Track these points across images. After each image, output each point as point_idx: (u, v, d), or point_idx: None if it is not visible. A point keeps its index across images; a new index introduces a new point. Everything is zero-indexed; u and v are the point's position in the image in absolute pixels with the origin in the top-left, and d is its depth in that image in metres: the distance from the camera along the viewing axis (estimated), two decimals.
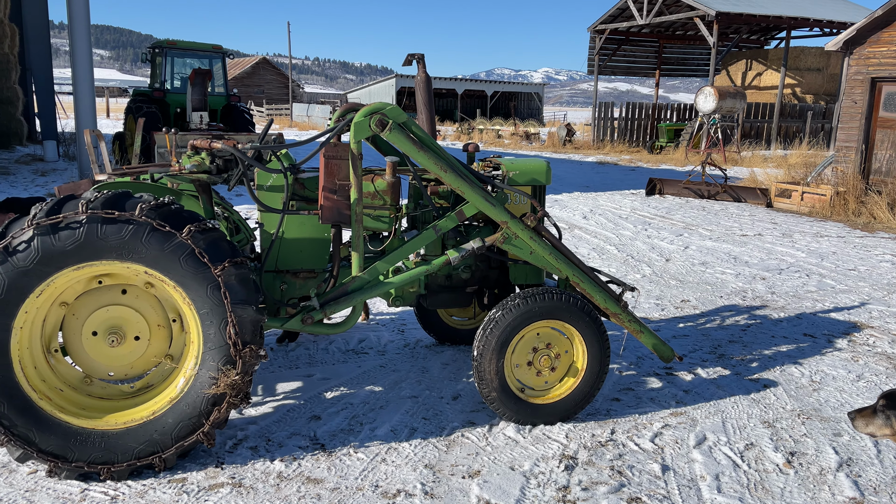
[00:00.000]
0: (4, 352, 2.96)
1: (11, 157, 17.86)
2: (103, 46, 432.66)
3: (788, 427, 3.93)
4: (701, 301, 6.52)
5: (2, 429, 3.00)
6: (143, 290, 3.28)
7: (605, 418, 3.97)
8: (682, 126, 26.21)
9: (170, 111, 16.09)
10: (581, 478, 3.32)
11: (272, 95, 65.59)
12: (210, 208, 3.89)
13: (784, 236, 10.02)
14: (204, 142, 3.68)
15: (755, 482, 3.33)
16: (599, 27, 28.91)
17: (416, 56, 4.31)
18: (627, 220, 11.08)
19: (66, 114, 20.63)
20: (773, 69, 29.10)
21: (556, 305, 3.69)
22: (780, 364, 4.92)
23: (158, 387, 3.37)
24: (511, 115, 48.51)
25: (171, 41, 16.55)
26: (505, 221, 3.77)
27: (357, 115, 3.59)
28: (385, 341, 5.19)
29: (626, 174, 18.81)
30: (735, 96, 14.52)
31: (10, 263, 2.88)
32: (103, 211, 2.94)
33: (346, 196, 3.65)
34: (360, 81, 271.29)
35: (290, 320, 3.72)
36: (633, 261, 8.19)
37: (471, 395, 4.24)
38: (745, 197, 13.52)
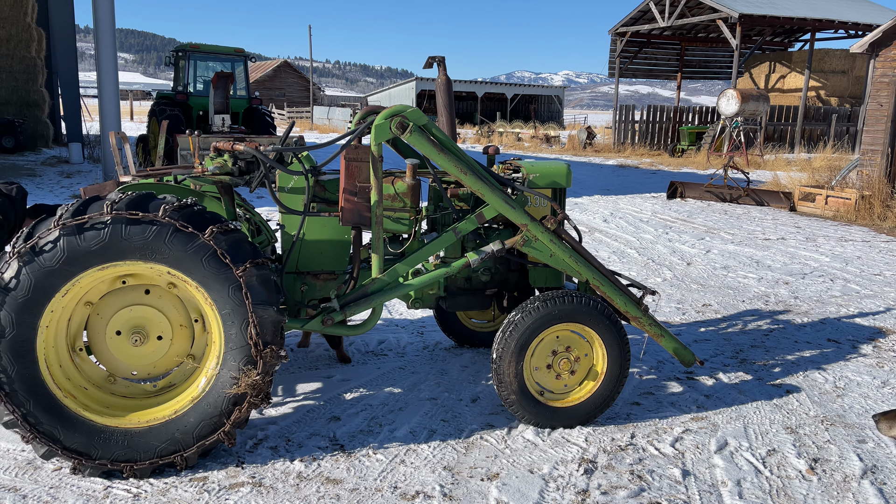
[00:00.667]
0: (31, 350, 3.01)
1: (38, 159, 18.16)
2: (127, 50, 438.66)
3: (812, 433, 3.88)
4: (722, 305, 6.46)
5: (27, 426, 3.05)
6: (166, 291, 3.32)
7: (625, 422, 3.95)
8: (703, 129, 25.99)
9: (192, 114, 16.26)
10: (600, 482, 3.31)
11: (293, 98, 66.05)
12: (232, 210, 3.93)
13: (808, 240, 9.89)
14: (226, 144, 3.71)
15: (777, 488, 3.29)
16: (620, 30, 28.77)
17: (436, 59, 4.32)
18: (648, 224, 11.01)
19: (90, 117, 20.93)
20: (797, 71, 28.75)
21: (576, 308, 3.67)
22: (804, 369, 4.85)
23: (180, 386, 3.41)
24: (531, 117, 48.43)
25: (193, 45, 16.74)
26: (525, 224, 3.76)
27: (378, 117, 3.61)
28: (404, 343, 5.21)
29: (646, 177, 18.69)
30: (758, 99, 14.37)
31: (36, 263, 2.93)
32: (128, 212, 2.98)
33: (366, 198, 3.66)
34: (381, 84, 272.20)
35: (311, 321, 3.74)
36: (653, 264, 8.14)
37: (490, 397, 4.23)
38: (767, 201, 13.37)
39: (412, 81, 53.85)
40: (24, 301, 2.94)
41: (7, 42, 20.55)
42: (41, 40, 21.30)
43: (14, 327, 2.95)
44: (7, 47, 20.58)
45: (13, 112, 20.69)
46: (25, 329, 2.97)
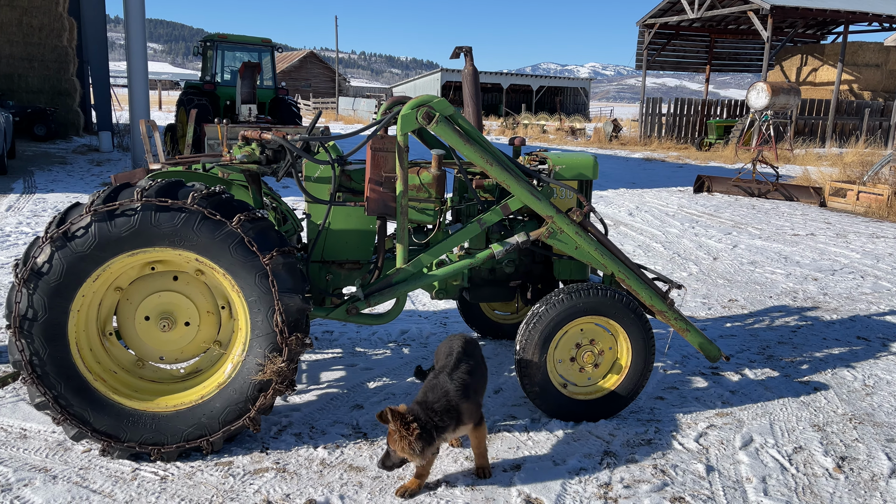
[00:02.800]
0: (62, 334, 3.07)
1: (69, 147, 18.46)
2: (156, 40, 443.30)
3: (839, 431, 3.82)
4: (749, 301, 6.38)
5: (59, 408, 3.11)
6: (194, 277, 3.36)
7: (649, 416, 3.92)
8: (732, 122, 25.63)
9: (220, 103, 16.40)
10: (623, 475, 3.29)
11: (319, 89, 66.33)
12: (259, 198, 3.96)
13: (838, 236, 9.73)
14: (254, 133, 3.74)
15: (803, 486, 3.25)
16: (649, 21, 28.43)
17: (463, 49, 4.30)
18: (674, 218, 10.90)
19: (120, 106, 21.22)
20: (829, 65, 28.21)
21: (601, 301, 3.65)
22: (832, 367, 4.78)
23: (207, 372, 3.45)
24: (557, 110, 48.11)
25: (221, 35, 16.86)
26: (550, 216, 3.74)
27: (404, 107, 3.61)
28: (427, 333, 5.22)
29: (673, 171, 18.49)
30: (789, 92, 14.14)
31: (68, 248, 2.98)
32: (157, 199, 3.02)
33: (391, 188, 3.67)
34: (406, 75, 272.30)
35: (335, 310, 3.77)
36: (679, 259, 8.06)
37: (512, 389, 4.23)
38: (797, 196, 13.17)
39: (437, 73, 53.76)
40: (56, 285, 2.99)
41: (39, 31, 20.89)
42: (72, 30, 21.61)
43: (47, 311, 3.01)
44: (39, 36, 20.92)
45: (45, 101, 21.04)
46: (58, 313, 3.03)
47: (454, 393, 3.02)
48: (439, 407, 2.96)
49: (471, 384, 3.12)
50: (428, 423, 2.90)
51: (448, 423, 2.95)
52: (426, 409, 2.95)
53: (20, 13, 20.48)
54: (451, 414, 2.97)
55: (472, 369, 3.20)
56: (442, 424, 2.93)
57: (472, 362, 3.25)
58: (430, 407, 2.96)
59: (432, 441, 2.91)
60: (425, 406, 2.96)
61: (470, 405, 3.06)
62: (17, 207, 9.78)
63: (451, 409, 2.97)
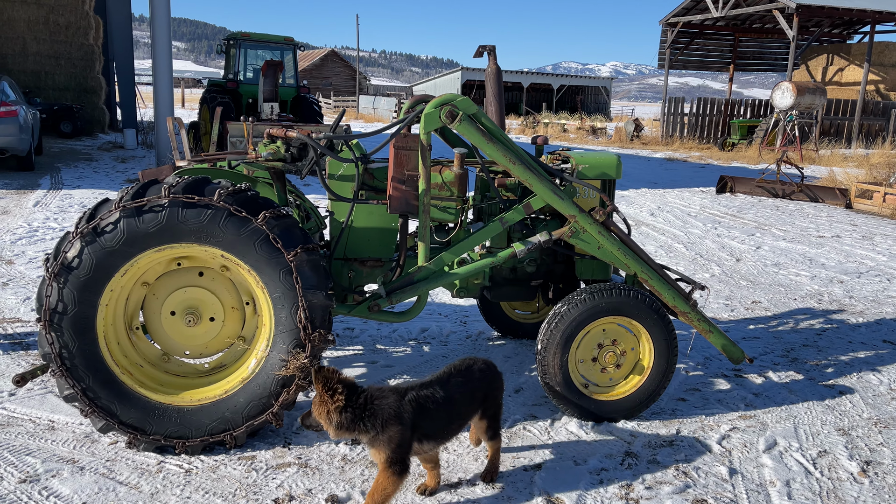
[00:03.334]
0: (91, 327, 3.12)
1: (94, 145, 18.71)
2: (179, 38, 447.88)
3: (864, 435, 3.78)
4: (773, 303, 6.31)
5: (87, 400, 3.16)
6: (219, 273, 3.40)
7: (671, 418, 3.90)
8: (756, 122, 25.35)
9: (242, 101, 16.53)
10: (644, 476, 3.28)
11: (340, 87, 66.60)
12: (284, 195, 3.99)
13: (864, 239, 9.59)
14: (280, 130, 3.77)
15: (828, 490, 3.22)
16: (672, 20, 28.20)
17: (487, 48, 4.31)
18: (696, 218, 10.82)
19: (144, 103, 21.46)
20: (855, 64, 27.79)
21: (623, 302, 3.64)
22: (858, 370, 4.72)
23: (231, 367, 3.49)
24: (577, 109, 47.89)
25: (244, 33, 16.99)
26: (573, 215, 3.73)
27: (427, 106, 3.62)
28: (447, 332, 5.23)
29: (695, 171, 18.33)
30: (814, 92, 13.96)
31: (98, 243, 3.03)
32: (184, 195, 3.06)
33: (414, 186, 3.68)
34: (426, 74, 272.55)
35: (357, 307, 3.79)
36: (701, 259, 8.00)
37: (533, 388, 4.23)
38: (822, 197, 13.00)
39: (458, 71, 53.75)
40: (85, 280, 3.04)
41: (66, 29, 21.20)
42: (98, 28, 21.91)
43: (76, 305, 3.06)
44: (66, 35, 21.23)
45: (71, 98, 21.36)
46: (87, 307, 3.08)
47: (395, 411, 2.72)
48: (380, 408, 2.71)
49: (428, 421, 2.79)
50: (362, 409, 2.68)
51: (368, 430, 2.69)
52: (379, 397, 2.73)
53: (47, 11, 20.80)
54: (377, 425, 2.70)
55: (450, 407, 2.86)
56: (364, 425, 2.68)
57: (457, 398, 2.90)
58: (381, 399, 2.73)
59: (352, 428, 2.68)
60: (383, 394, 2.75)
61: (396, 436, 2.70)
62: (44, 203, 9.94)
63: (381, 421, 2.69)
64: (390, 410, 2.73)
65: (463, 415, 2.97)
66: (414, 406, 2.78)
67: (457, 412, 2.93)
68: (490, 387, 3.07)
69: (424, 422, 2.79)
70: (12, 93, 13.19)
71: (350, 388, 2.71)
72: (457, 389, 2.93)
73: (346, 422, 2.67)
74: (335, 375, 2.69)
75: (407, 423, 2.74)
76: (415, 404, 2.78)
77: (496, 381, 3.13)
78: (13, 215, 8.98)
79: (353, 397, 2.70)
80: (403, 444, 2.73)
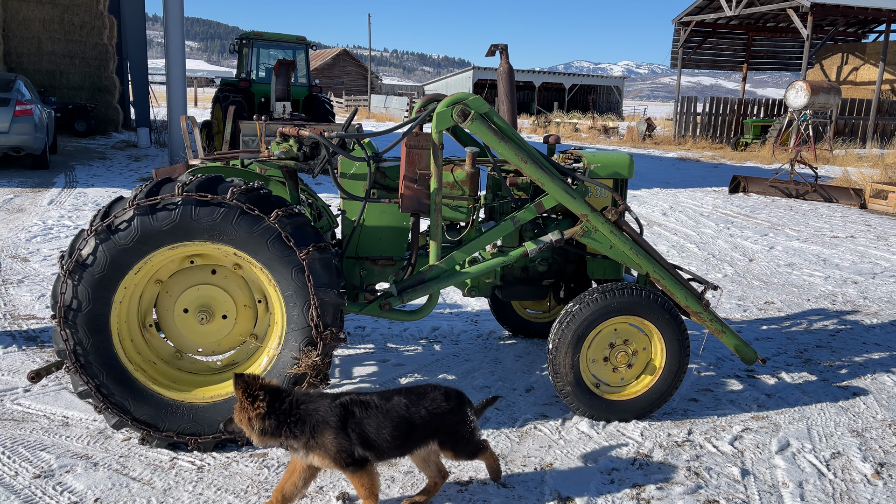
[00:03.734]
0: (105, 324, 3.15)
1: (108, 143, 18.86)
2: (192, 38, 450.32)
3: (878, 437, 3.75)
4: (786, 303, 6.27)
5: (100, 396, 3.19)
6: (232, 271, 3.41)
7: (682, 418, 3.88)
8: (769, 122, 25.17)
9: (254, 101, 16.60)
10: (656, 477, 3.27)
11: (351, 87, 66.73)
12: (296, 194, 4.01)
13: (879, 239, 9.51)
14: (292, 129, 3.79)
15: (841, 492, 3.20)
16: (685, 19, 28.05)
17: (499, 47, 4.30)
18: (709, 218, 10.76)
19: (157, 102, 21.58)
20: (870, 63, 27.54)
21: (635, 301, 3.63)
22: (872, 372, 4.68)
23: (243, 364, 3.51)
24: (589, 108, 47.76)
25: (257, 33, 17.06)
26: (585, 214, 3.72)
27: (439, 105, 3.62)
28: (458, 331, 5.23)
29: (708, 171, 18.23)
30: (829, 91, 13.84)
31: (112, 241, 3.05)
32: (197, 194, 3.08)
33: (426, 185, 3.68)
34: (437, 73, 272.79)
35: (369, 306, 3.80)
36: (714, 260, 7.96)
37: (544, 387, 4.22)
38: (836, 197, 12.89)
39: (469, 70, 53.72)
40: (100, 277, 3.07)
41: (80, 29, 21.36)
42: (112, 28, 22.06)
43: (90, 302, 3.09)
44: (80, 34, 21.40)
45: (85, 97, 21.52)
46: (101, 304, 3.11)
47: (323, 415, 2.65)
48: (307, 413, 2.65)
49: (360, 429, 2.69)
50: (286, 415, 2.63)
51: (297, 436, 2.64)
52: (305, 402, 2.68)
53: (62, 11, 20.97)
54: (306, 431, 2.64)
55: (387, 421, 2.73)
56: (292, 431, 2.63)
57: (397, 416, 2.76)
58: (308, 404, 2.68)
59: (277, 435, 2.63)
60: (310, 399, 2.70)
61: (332, 441, 2.64)
62: (58, 201, 10.02)
63: (309, 427, 2.64)
64: (318, 416, 2.65)
65: (407, 436, 2.76)
66: (342, 411, 2.68)
67: (399, 430, 2.74)
68: (443, 418, 2.84)
69: (356, 429, 2.68)
70: (28, 92, 13.31)
71: (273, 394, 2.64)
72: (400, 408, 2.77)
73: (270, 428, 2.61)
74: (256, 381, 2.63)
75: (338, 427, 2.65)
76: (344, 410, 2.69)
77: (453, 415, 2.86)
78: (28, 213, 9.06)
79: (276, 403, 2.63)
80: (344, 448, 2.66)
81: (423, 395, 2.86)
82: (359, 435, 2.69)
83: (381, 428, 2.72)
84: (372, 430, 2.71)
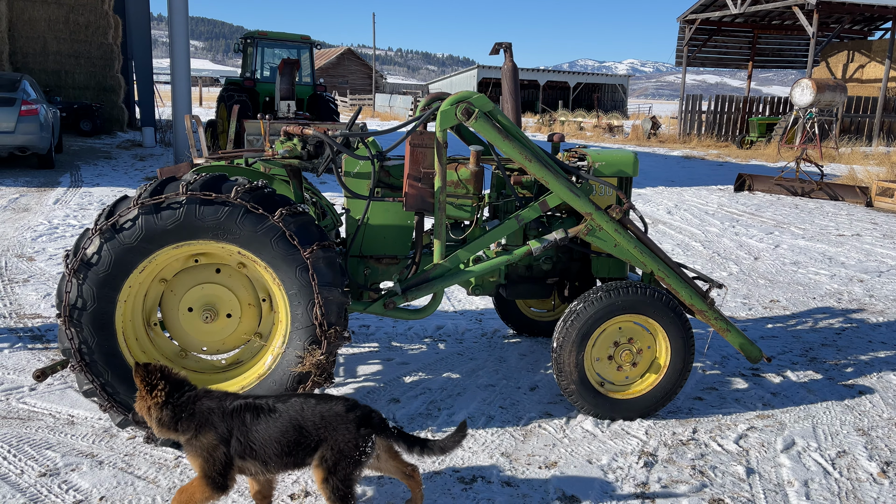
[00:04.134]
0: (110, 323, 3.15)
1: (113, 143, 18.90)
2: (197, 37, 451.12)
3: (884, 436, 3.73)
4: (792, 302, 6.25)
5: (105, 395, 3.19)
6: (236, 270, 3.42)
7: (687, 417, 3.88)
8: (775, 120, 25.10)
9: (259, 100, 16.62)
10: (661, 475, 3.26)
11: (356, 86, 66.75)
12: (300, 193, 4.01)
13: (885, 237, 9.47)
14: (296, 128, 3.79)
15: (847, 491, 3.19)
16: (690, 17, 27.97)
17: (503, 45, 4.30)
18: (714, 217, 10.73)
19: (162, 102, 21.64)
20: (876, 61, 27.41)
21: (640, 300, 3.62)
22: (878, 370, 4.66)
23: (248, 363, 3.51)
24: (594, 106, 47.68)
25: (261, 32, 17.07)
26: (589, 213, 3.72)
27: (443, 103, 3.62)
28: (462, 329, 5.23)
29: (713, 169, 18.19)
30: (834, 89, 13.80)
31: (117, 240, 3.06)
32: (201, 193, 3.08)
33: (430, 184, 3.68)
34: (442, 72, 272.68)
35: (373, 304, 3.80)
36: (719, 258, 7.93)
37: (548, 386, 4.22)
38: (842, 195, 12.85)
39: (474, 69, 53.69)
40: (105, 276, 3.08)
41: (86, 28, 21.41)
42: (118, 27, 22.12)
43: (95, 301, 3.09)
44: (86, 34, 21.45)
45: (91, 97, 21.58)
46: (105, 303, 3.11)
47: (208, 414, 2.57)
48: (199, 410, 2.58)
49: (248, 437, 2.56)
50: (182, 408, 2.56)
51: (184, 431, 2.57)
52: (202, 398, 2.61)
53: (67, 11, 21.02)
54: (192, 428, 2.57)
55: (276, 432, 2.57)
56: (182, 426, 2.57)
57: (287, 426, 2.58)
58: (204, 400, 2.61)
59: (172, 427, 2.56)
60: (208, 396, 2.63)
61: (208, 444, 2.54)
62: (64, 200, 10.05)
63: (195, 424, 2.56)
64: (207, 415, 2.56)
65: (293, 449, 2.58)
66: (231, 416, 2.58)
67: (286, 442, 2.57)
68: (330, 435, 2.58)
69: (243, 436, 2.56)
70: (33, 91, 13.35)
71: (175, 385, 2.59)
72: (290, 418, 2.60)
73: (167, 419, 2.56)
74: (157, 371, 2.58)
75: (222, 432, 2.55)
76: (233, 414, 2.58)
77: (341, 433, 2.58)
78: (34, 213, 9.09)
79: (176, 395, 2.57)
80: (217, 455, 2.54)
81: (316, 407, 2.63)
82: (244, 446, 2.56)
83: (272, 443, 2.56)
84: (263, 443, 2.56)
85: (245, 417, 2.59)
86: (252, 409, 2.62)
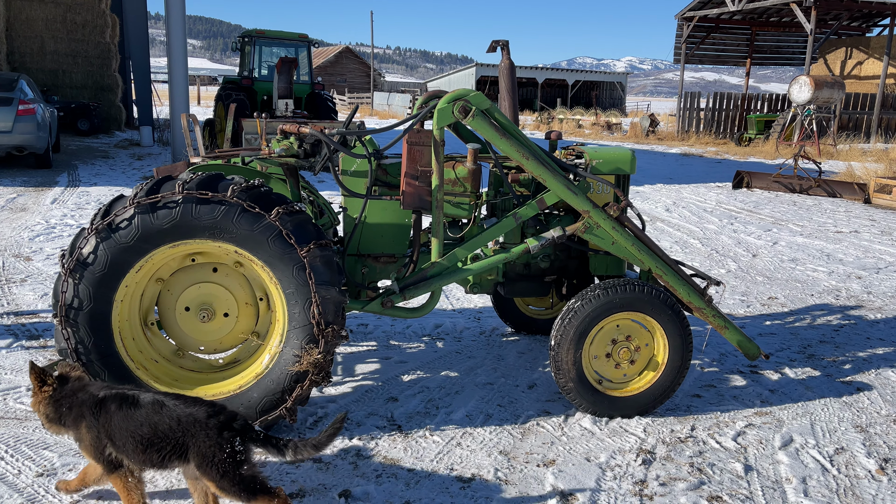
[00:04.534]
0: (106, 323, 3.15)
1: (111, 142, 18.87)
2: (195, 36, 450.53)
3: (883, 433, 3.73)
4: (790, 299, 6.25)
5: None
6: (233, 269, 3.41)
7: (685, 414, 3.87)
8: (773, 117, 25.10)
9: (257, 98, 16.59)
10: (659, 473, 3.26)
11: (354, 84, 66.68)
12: (297, 192, 4.00)
13: (883, 234, 9.47)
14: (293, 126, 3.78)
15: (845, 487, 3.19)
16: (688, 14, 27.97)
17: (500, 42, 4.29)
18: (712, 214, 10.73)
19: (160, 101, 21.59)
20: (875, 58, 27.42)
21: (637, 297, 3.62)
22: (876, 367, 4.67)
23: (245, 362, 3.51)
24: (592, 104, 47.66)
25: (259, 31, 17.04)
26: (587, 210, 3.71)
27: (440, 101, 3.61)
28: (461, 328, 5.22)
29: (711, 166, 18.19)
30: (833, 86, 13.80)
31: (113, 240, 3.05)
32: (198, 192, 3.07)
33: (427, 182, 3.68)
34: (440, 70, 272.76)
35: (371, 303, 3.79)
36: (717, 255, 7.93)
37: (546, 384, 4.22)
38: (840, 192, 12.85)
39: (472, 67, 53.65)
40: (101, 276, 3.07)
41: (83, 28, 21.36)
42: (115, 26, 22.06)
43: (91, 301, 3.09)
44: (83, 33, 21.40)
45: (88, 96, 21.54)
46: (102, 303, 3.11)
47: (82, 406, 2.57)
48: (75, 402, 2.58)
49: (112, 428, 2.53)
50: (63, 402, 2.58)
51: (68, 426, 2.60)
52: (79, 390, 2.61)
53: (64, 10, 20.97)
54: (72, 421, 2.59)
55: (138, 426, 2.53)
56: (65, 420, 2.59)
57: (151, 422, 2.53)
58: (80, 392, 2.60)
59: (59, 422, 2.59)
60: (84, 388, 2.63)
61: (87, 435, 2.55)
62: (61, 200, 10.04)
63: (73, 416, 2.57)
64: (82, 406, 2.56)
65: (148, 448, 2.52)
66: (99, 405, 2.57)
67: (141, 439, 2.52)
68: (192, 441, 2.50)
69: (106, 426, 2.54)
70: (30, 91, 13.32)
71: (62, 381, 2.59)
72: (146, 415, 2.54)
73: (53, 415, 2.56)
74: (40, 369, 2.60)
75: (92, 422, 2.55)
76: (100, 404, 2.57)
77: (202, 439, 2.49)
78: (31, 212, 9.08)
79: (61, 390, 2.57)
80: (97, 445, 2.55)
81: (181, 407, 2.56)
82: (107, 432, 2.55)
83: (138, 437, 2.52)
84: (127, 436, 2.53)
85: (109, 407, 2.57)
86: (117, 400, 2.58)
